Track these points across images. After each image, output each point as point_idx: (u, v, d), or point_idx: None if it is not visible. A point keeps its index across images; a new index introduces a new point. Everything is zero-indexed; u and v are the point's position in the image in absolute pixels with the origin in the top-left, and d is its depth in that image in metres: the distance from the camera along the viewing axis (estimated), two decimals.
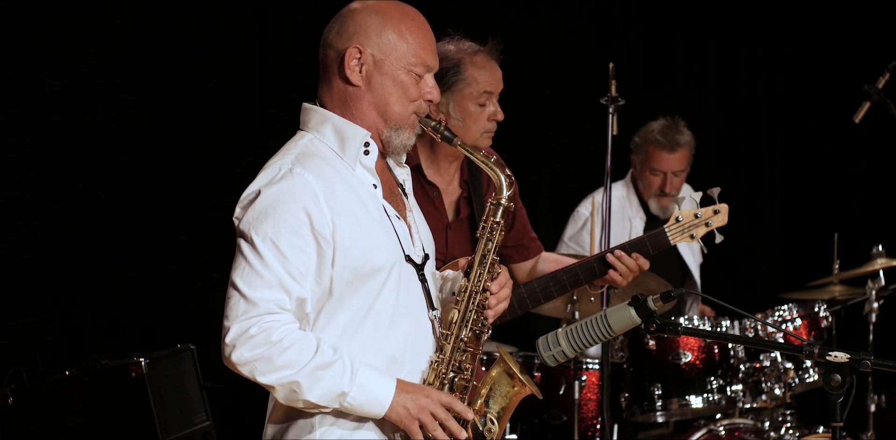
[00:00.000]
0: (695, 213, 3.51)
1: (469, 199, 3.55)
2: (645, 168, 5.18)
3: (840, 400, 2.45)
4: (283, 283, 2.50)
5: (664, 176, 5.15)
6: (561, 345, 2.65)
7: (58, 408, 4.26)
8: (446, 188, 3.52)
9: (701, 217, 3.51)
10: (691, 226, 3.51)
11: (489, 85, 3.43)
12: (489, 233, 2.70)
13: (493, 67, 3.47)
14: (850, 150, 6.80)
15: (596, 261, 3.53)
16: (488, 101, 3.44)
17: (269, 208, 2.52)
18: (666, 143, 5.12)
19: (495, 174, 2.72)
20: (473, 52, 3.47)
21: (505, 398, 2.67)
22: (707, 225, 3.52)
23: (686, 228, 3.51)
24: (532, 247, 3.70)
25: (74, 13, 5.12)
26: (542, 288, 3.57)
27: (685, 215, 3.51)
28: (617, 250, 3.50)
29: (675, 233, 3.52)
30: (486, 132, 3.45)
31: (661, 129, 5.15)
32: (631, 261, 3.48)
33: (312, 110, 2.68)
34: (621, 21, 6.81)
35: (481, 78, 3.43)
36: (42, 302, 5.07)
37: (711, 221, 3.51)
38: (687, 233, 3.51)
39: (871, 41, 6.65)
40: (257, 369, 2.49)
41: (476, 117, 3.43)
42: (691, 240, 3.51)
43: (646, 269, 3.52)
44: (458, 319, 2.65)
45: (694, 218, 3.51)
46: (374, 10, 2.63)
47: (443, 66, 3.41)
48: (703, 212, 3.51)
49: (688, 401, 4.50)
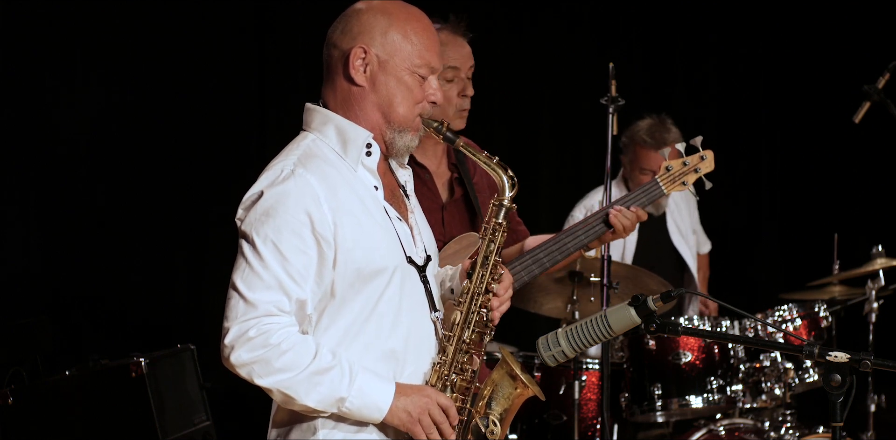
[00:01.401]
0: (683, 162, 3.54)
1: (460, 180, 3.55)
2: (634, 168, 5.19)
3: (840, 400, 2.45)
4: (282, 285, 2.50)
5: (653, 175, 5.15)
6: (561, 345, 2.65)
7: (58, 408, 4.26)
8: (436, 170, 3.51)
9: (689, 164, 3.54)
10: (681, 174, 3.55)
11: (454, 60, 3.42)
12: (491, 235, 2.70)
13: (457, 43, 3.46)
14: (850, 150, 6.80)
15: (595, 220, 3.53)
16: (455, 76, 3.43)
17: (270, 210, 2.52)
18: (653, 142, 5.12)
19: (497, 175, 2.72)
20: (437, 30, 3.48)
21: (507, 400, 2.67)
22: (696, 171, 3.55)
23: (676, 176, 3.55)
24: (519, 229, 3.70)
25: (74, 13, 5.12)
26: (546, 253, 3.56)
27: (674, 164, 3.55)
28: (616, 206, 3.52)
29: (667, 182, 3.55)
30: (459, 110, 3.44)
31: (647, 129, 5.16)
32: (631, 213, 3.50)
33: (315, 111, 2.67)
34: (621, 21, 6.81)
35: (445, 54, 3.39)
36: (42, 302, 5.07)
37: (700, 167, 3.55)
38: (678, 181, 3.55)
39: (871, 41, 6.65)
40: (255, 371, 2.49)
41: (445, 94, 3.41)
42: (683, 187, 3.54)
43: (644, 219, 3.54)
44: (461, 320, 2.65)
45: (682, 166, 3.54)
46: (379, 10, 2.63)
47: None
48: (691, 159, 3.54)
49: (688, 401, 4.50)
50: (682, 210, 5.42)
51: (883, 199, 6.77)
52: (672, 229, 5.34)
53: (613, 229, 3.50)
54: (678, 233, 5.34)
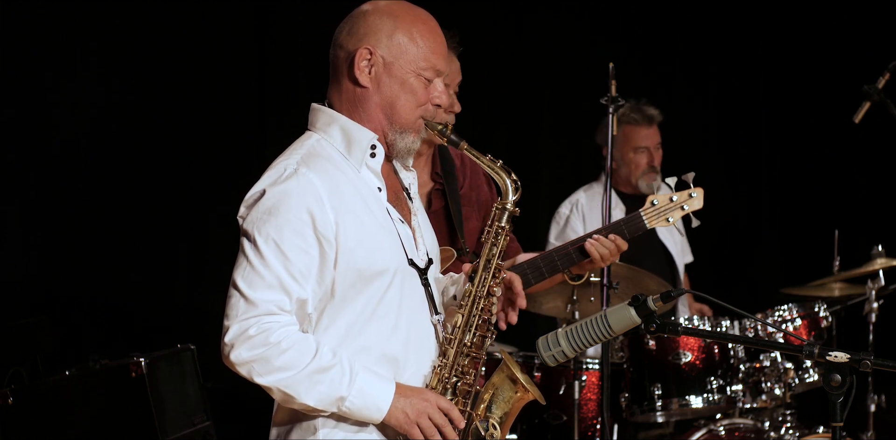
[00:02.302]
0: (670, 197, 3.53)
1: (442, 191, 3.53)
2: (627, 150, 5.25)
3: (840, 400, 2.45)
4: (283, 284, 2.50)
5: (648, 151, 5.25)
6: (561, 345, 2.65)
7: (58, 408, 4.26)
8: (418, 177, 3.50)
9: (676, 201, 3.53)
10: (667, 210, 3.53)
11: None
12: (494, 238, 2.69)
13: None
14: (850, 150, 6.80)
15: (573, 248, 3.52)
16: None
17: (272, 208, 2.52)
18: (642, 118, 5.26)
19: (501, 179, 2.71)
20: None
21: (507, 403, 2.66)
22: (682, 208, 3.53)
23: (661, 212, 3.53)
24: (511, 246, 3.66)
25: (74, 13, 5.12)
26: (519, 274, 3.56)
27: (660, 199, 3.54)
28: (594, 235, 3.50)
29: (651, 217, 3.53)
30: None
31: (631, 109, 5.26)
32: (609, 242, 3.48)
33: (320, 111, 2.67)
34: (621, 21, 6.81)
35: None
36: (42, 302, 5.07)
37: (687, 205, 3.53)
38: (663, 217, 3.53)
39: (871, 41, 6.65)
40: (255, 370, 2.49)
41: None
42: (667, 223, 3.53)
43: (624, 250, 3.52)
44: (462, 324, 2.65)
45: (669, 202, 3.53)
46: (385, 12, 2.63)
47: None
48: (679, 195, 3.53)
49: (688, 401, 4.50)
50: None
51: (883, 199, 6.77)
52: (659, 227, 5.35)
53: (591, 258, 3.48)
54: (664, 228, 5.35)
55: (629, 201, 5.30)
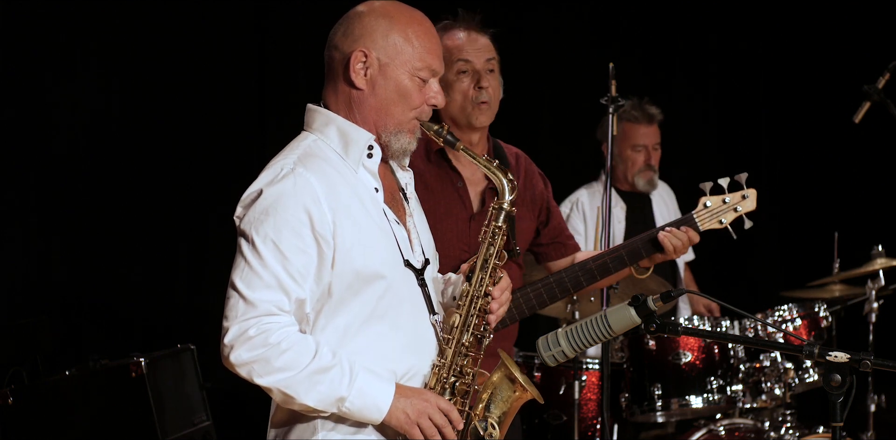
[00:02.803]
0: (723, 199, 3.45)
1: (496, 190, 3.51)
2: (625, 147, 5.28)
3: (840, 400, 2.45)
4: (282, 285, 2.50)
5: (646, 150, 5.26)
6: (561, 345, 2.65)
7: (58, 408, 4.26)
8: (471, 177, 3.44)
9: (729, 202, 3.45)
10: (720, 212, 3.46)
11: (466, 52, 3.40)
12: (491, 238, 2.69)
13: (469, 36, 3.44)
14: (850, 150, 6.80)
15: (641, 243, 3.45)
16: (469, 68, 3.40)
17: (270, 208, 2.52)
18: (642, 116, 5.28)
19: (497, 178, 2.71)
20: (449, 27, 3.46)
21: (506, 403, 2.66)
22: (736, 210, 3.46)
23: (714, 214, 3.45)
24: (569, 244, 3.64)
25: (74, 13, 5.12)
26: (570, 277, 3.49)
27: (713, 201, 3.45)
28: (667, 227, 3.43)
29: (704, 219, 3.46)
30: (476, 103, 3.40)
31: (632, 106, 5.27)
32: (682, 234, 3.41)
33: (317, 111, 2.67)
34: (621, 21, 6.81)
35: (455, 47, 3.40)
36: (42, 302, 5.07)
37: (740, 206, 3.46)
38: (716, 219, 3.45)
39: (871, 41, 6.64)
40: (255, 371, 2.49)
41: (459, 87, 3.39)
42: (720, 225, 3.45)
43: (696, 242, 3.44)
44: (460, 324, 2.65)
45: (722, 203, 3.45)
46: (380, 13, 2.63)
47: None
48: (732, 197, 3.46)
49: (688, 401, 4.50)
50: (668, 205, 5.45)
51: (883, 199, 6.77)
52: (658, 219, 5.37)
53: (664, 250, 3.41)
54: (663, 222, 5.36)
55: (628, 199, 5.31)
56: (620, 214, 5.28)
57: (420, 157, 3.39)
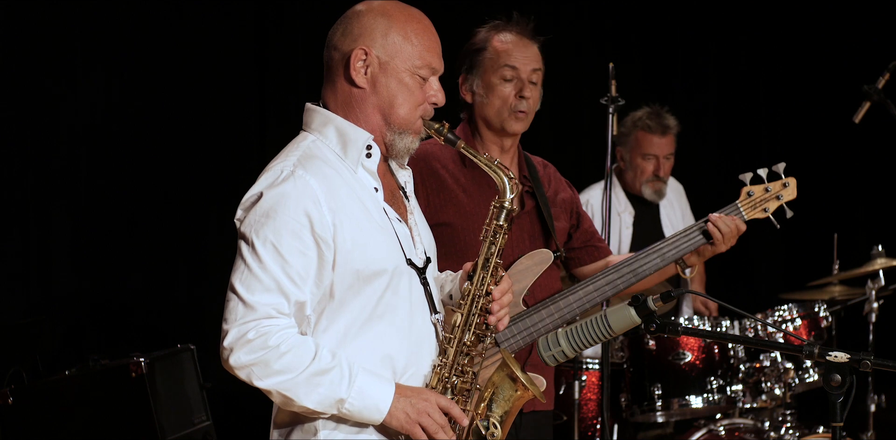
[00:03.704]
0: (765, 188, 3.43)
1: (532, 193, 3.48)
2: (636, 155, 5.25)
3: (840, 400, 2.45)
4: (281, 287, 2.50)
5: (656, 160, 5.24)
6: (561, 345, 2.65)
7: (58, 408, 4.26)
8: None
9: (771, 191, 3.44)
10: (763, 201, 3.43)
11: (514, 59, 3.39)
12: (492, 237, 2.68)
13: (521, 43, 3.43)
14: (850, 150, 6.80)
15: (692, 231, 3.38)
16: (514, 76, 3.39)
17: (270, 211, 2.51)
18: (657, 127, 5.23)
19: (498, 177, 2.70)
20: (502, 28, 3.46)
21: (507, 402, 2.66)
22: (778, 198, 3.44)
23: (758, 203, 3.43)
24: (601, 246, 3.61)
25: (74, 13, 5.12)
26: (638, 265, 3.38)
27: (756, 190, 3.42)
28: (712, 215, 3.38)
29: (748, 208, 3.43)
30: (514, 111, 3.39)
31: (648, 115, 5.25)
32: (730, 220, 3.37)
33: (315, 111, 2.67)
34: (621, 21, 6.81)
35: (504, 51, 3.39)
36: (42, 302, 5.07)
37: (782, 195, 3.44)
38: (759, 208, 3.43)
39: (871, 41, 6.65)
40: (254, 373, 2.49)
41: (500, 92, 3.37)
42: (764, 214, 3.42)
43: (742, 231, 3.39)
44: (461, 323, 2.64)
45: (765, 192, 3.43)
46: (379, 12, 2.63)
47: (472, 46, 3.44)
48: (773, 186, 3.44)
49: (688, 401, 4.50)
50: (674, 206, 5.45)
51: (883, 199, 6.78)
52: (665, 224, 5.37)
53: (712, 240, 3.36)
54: (671, 229, 5.36)
55: (637, 203, 5.31)
56: (629, 220, 5.28)
57: (456, 162, 3.40)
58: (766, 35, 7.05)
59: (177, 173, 5.38)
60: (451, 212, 3.35)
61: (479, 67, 3.42)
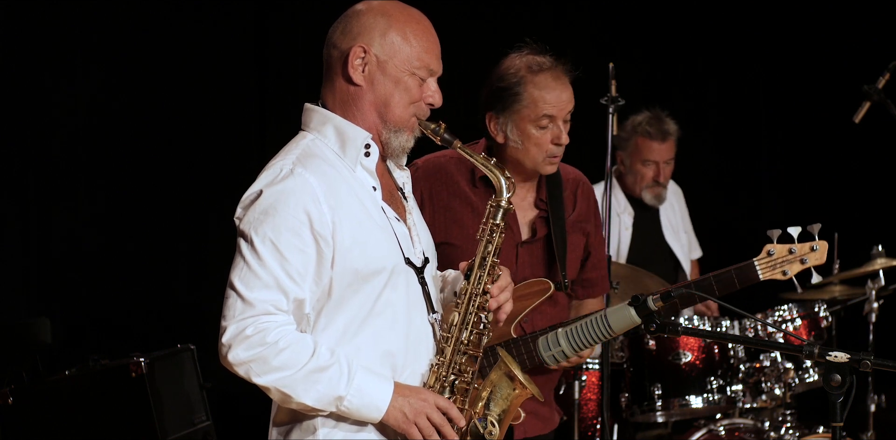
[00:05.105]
0: (789, 249, 3.30)
1: (546, 220, 3.40)
2: (636, 160, 5.24)
3: (840, 400, 2.45)
4: (280, 284, 2.50)
5: (656, 166, 5.23)
6: (561, 345, 2.65)
7: (58, 408, 4.26)
8: (520, 203, 3.35)
9: (796, 253, 3.30)
10: (784, 262, 3.30)
11: (550, 107, 3.31)
12: (489, 236, 2.69)
13: (557, 88, 3.34)
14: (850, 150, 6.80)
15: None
16: (550, 123, 3.32)
17: (269, 208, 2.52)
18: (656, 133, 5.22)
19: (495, 177, 2.71)
20: (537, 70, 3.34)
21: (506, 400, 2.66)
22: (802, 262, 3.30)
23: (778, 263, 3.30)
24: (599, 285, 3.53)
25: (74, 13, 5.12)
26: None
27: (778, 250, 3.29)
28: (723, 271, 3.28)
29: (766, 269, 3.31)
30: (549, 156, 3.33)
31: (648, 121, 5.24)
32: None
33: (314, 111, 2.67)
34: (621, 21, 6.81)
35: (541, 100, 3.30)
36: (42, 302, 5.07)
37: (807, 258, 3.29)
38: (779, 269, 3.30)
39: (871, 41, 6.64)
40: (252, 370, 2.49)
41: (536, 140, 3.30)
42: (783, 276, 3.29)
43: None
44: (459, 322, 2.65)
45: (788, 253, 3.29)
46: (379, 11, 2.63)
47: (503, 83, 3.32)
48: (799, 247, 3.29)
49: (688, 401, 4.50)
50: (675, 209, 5.45)
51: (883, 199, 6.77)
52: (665, 226, 5.37)
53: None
54: (671, 231, 5.37)
55: (637, 206, 5.31)
56: (628, 221, 5.29)
57: (466, 182, 3.36)
58: (765, 35, 7.04)
59: (177, 173, 5.38)
60: (455, 233, 3.32)
61: (513, 113, 3.31)
